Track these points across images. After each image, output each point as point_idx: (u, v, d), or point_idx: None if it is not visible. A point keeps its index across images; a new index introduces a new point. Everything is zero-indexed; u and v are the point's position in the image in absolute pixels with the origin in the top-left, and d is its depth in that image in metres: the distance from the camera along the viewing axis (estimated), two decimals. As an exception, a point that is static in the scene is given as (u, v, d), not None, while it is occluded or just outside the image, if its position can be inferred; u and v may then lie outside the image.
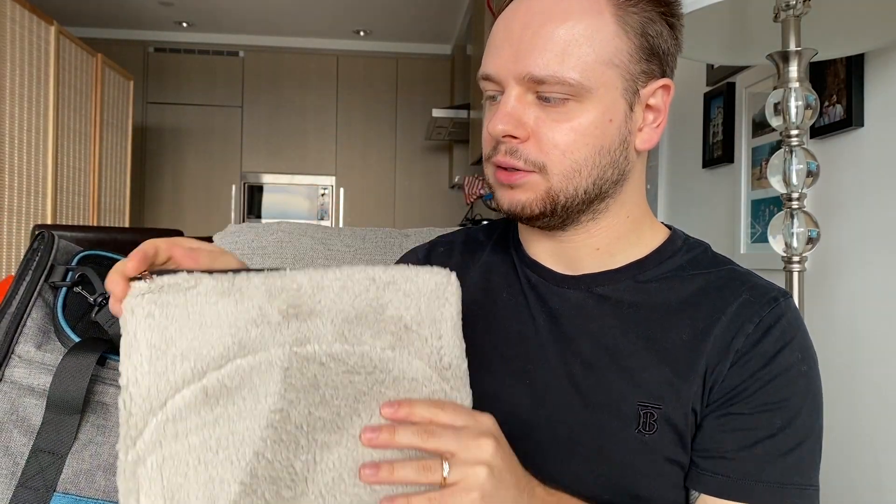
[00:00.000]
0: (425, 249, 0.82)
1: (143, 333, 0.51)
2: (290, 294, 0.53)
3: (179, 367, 0.51)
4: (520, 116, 0.62)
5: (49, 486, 0.58)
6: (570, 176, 0.62)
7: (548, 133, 0.62)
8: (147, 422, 0.50)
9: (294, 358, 0.52)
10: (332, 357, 0.53)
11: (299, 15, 4.95)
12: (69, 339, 0.62)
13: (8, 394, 0.60)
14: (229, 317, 0.52)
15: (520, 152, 0.62)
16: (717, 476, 0.61)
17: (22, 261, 0.65)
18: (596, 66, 0.60)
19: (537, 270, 0.71)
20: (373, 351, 0.54)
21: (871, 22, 1.07)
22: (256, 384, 0.51)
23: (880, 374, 1.14)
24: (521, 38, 0.61)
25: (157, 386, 0.50)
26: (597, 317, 0.66)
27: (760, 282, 0.67)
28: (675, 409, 0.62)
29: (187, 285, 0.52)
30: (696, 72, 1.82)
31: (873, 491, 1.14)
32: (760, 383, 0.61)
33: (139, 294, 0.51)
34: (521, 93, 0.62)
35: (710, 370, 0.62)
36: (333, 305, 0.54)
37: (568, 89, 0.60)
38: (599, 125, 0.62)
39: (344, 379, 0.53)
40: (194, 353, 0.51)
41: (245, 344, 0.52)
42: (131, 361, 0.50)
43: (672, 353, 0.63)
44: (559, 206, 0.64)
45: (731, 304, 0.64)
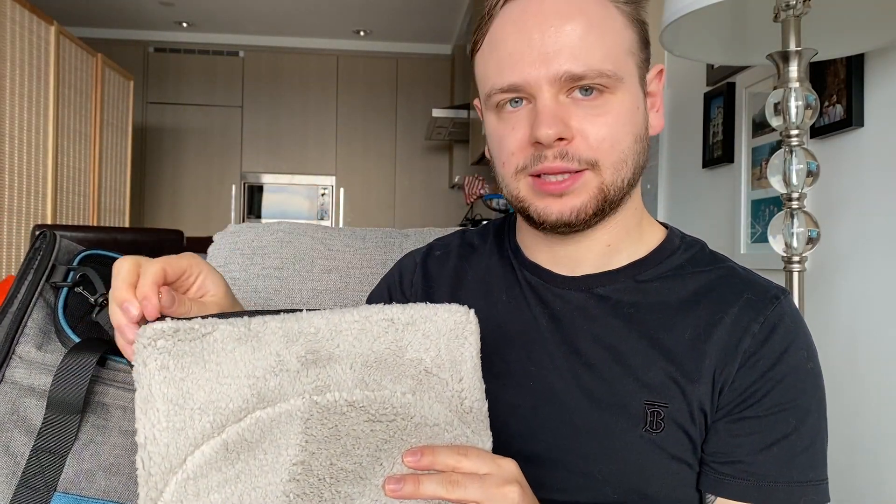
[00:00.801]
0: (422, 254, 0.81)
1: (158, 387, 0.48)
2: (307, 338, 0.51)
3: (198, 422, 0.48)
4: (563, 117, 0.61)
5: (49, 486, 0.58)
6: (619, 168, 0.63)
7: (592, 128, 0.61)
8: (167, 481, 0.48)
9: (314, 408, 0.50)
10: (353, 405, 0.51)
11: (299, 15, 4.95)
12: (70, 340, 0.61)
13: (8, 394, 0.60)
14: (247, 366, 0.49)
15: (570, 153, 0.61)
16: (737, 480, 0.61)
17: (24, 260, 0.65)
18: (621, 56, 0.62)
19: (537, 272, 0.71)
20: (393, 396, 0.52)
21: (871, 22, 1.07)
22: (277, 436, 0.50)
23: (880, 373, 1.14)
24: (545, 41, 0.60)
25: (177, 443, 0.48)
26: (598, 317, 0.66)
27: (759, 280, 0.67)
28: (681, 408, 0.62)
29: (203, 331, 0.49)
30: (696, 72, 1.82)
31: (874, 490, 1.14)
32: (772, 384, 0.61)
33: (151, 343, 0.48)
34: (555, 95, 0.61)
35: (718, 372, 0.62)
36: (352, 349, 0.52)
37: (606, 81, 0.60)
38: (633, 113, 0.63)
39: (365, 428, 0.51)
40: (213, 406, 0.49)
41: (264, 395, 0.50)
42: (148, 418, 0.48)
43: (675, 353, 0.63)
44: (608, 203, 0.63)
45: (733, 304, 0.64)
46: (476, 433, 0.54)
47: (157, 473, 0.47)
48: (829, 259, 1.26)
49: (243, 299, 1.04)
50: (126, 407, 0.62)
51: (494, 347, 0.69)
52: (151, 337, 0.48)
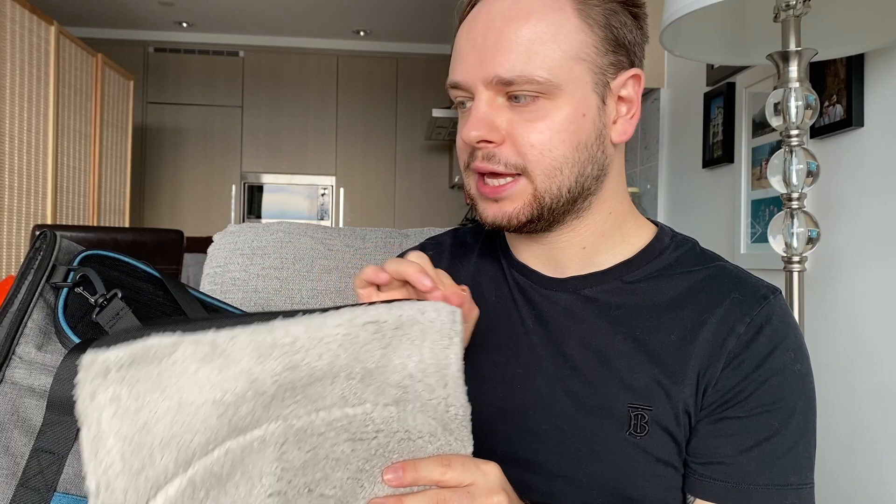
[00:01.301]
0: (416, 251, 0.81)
1: (108, 423, 0.39)
2: (283, 351, 0.44)
3: (160, 461, 0.41)
4: (492, 120, 0.62)
5: (49, 486, 0.58)
6: (552, 175, 0.62)
7: (522, 133, 0.61)
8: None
9: (290, 431, 0.46)
10: (331, 425, 0.47)
11: (299, 15, 4.95)
12: (70, 340, 0.61)
13: (8, 394, 0.60)
14: (213, 390, 0.42)
15: (497, 156, 0.62)
16: (716, 482, 0.61)
17: (24, 261, 0.65)
18: (563, 62, 0.60)
19: (525, 273, 0.71)
20: (375, 410, 0.49)
21: (871, 22, 1.07)
22: (249, 467, 0.44)
23: (880, 373, 1.14)
24: (485, 42, 0.61)
25: (135, 487, 0.40)
26: (585, 319, 0.66)
27: (750, 279, 0.66)
28: (665, 410, 0.62)
29: (161, 353, 0.41)
30: (696, 72, 1.82)
31: (874, 490, 1.14)
32: (755, 385, 0.60)
33: (101, 373, 0.39)
34: (492, 97, 0.62)
35: (702, 373, 0.62)
36: (336, 360, 0.46)
37: (537, 87, 0.60)
38: (573, 121, 0.62)
39: (346, 448, 0.48)
40: (176, 440, 0.41)
41: (236, 423, 0.43)
42: (99, 462, 0.39)
43: (661, 355, 0.63)
44: (545, 209, 0.63)
45: (719, 304, 0.63)
46: (459, 440, 0.53)
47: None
48: (829, 259, 1.26)
49: (243, 299, 1.04)
50: (126, 407, 0.62)
51: (482, 348, 0.69)
52: (101, 370, 0.39)
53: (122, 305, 0.61)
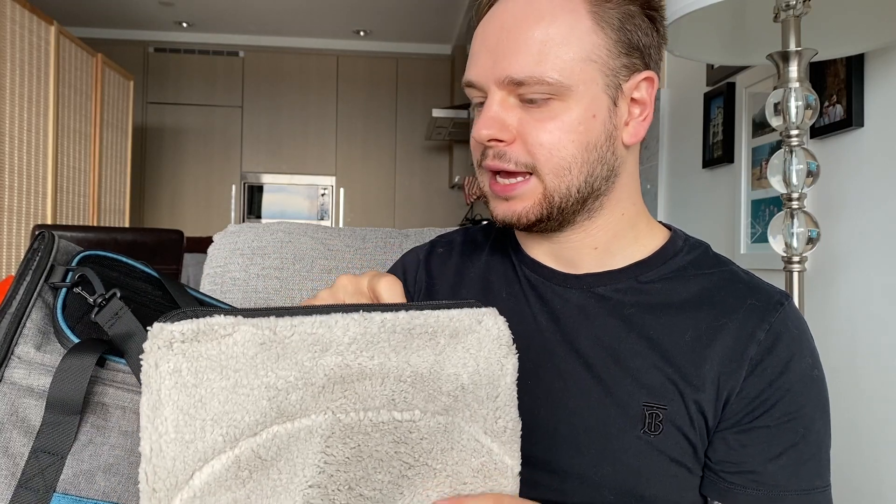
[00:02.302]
0: (425, 251, 0.82)
1: (168, 394, 0.42)
2: (339, 349, 0.46)
3: (210, 435, 0.43)
4: (503, 119, 0.63)
5: (49, 487, 0.58)
6: (561, 174, 0.63)
7: (532, 133, 0.62)
8: (171, 499, 0.43)
9: (337, 426, 0.46)
10: (378, 426, 0.47)
11: (299, 15, 4.95)
12: (69, 340, 0.61)
13: (7, 394, 0.60)
14: (268, 375, 0.44)
15: (507, 155, 0.63)
16: (747, 490, 0.61)
17: (22, 261, 0.65)
18: (574, 64, 0.61)
19: (537, 270, 0.71)
20: (423, 417, 0.48)
21: (871, 22, 1.07)
22: (294, 455, 0.46)
23: (880, 374, 1.14)
24: (498, 43, 0.62)
25: (184, 457, 0.43)
26: (598, 317, 0.66)
27: (763, 284, 0.67)
28: (679, 410, 0.62)
29: (223, 332, 0.44)
30: (696, 72, 1.82)
31: (874, 490, 1.14)
32: (780, 393, 0.61)
33: (166, 343, 0.43)
34: (504, 97, 0.63)
35: (723, 379, 0.62)
36: (387, 362, 0.47)
37: (548, 88, 0.61)
38: (583, 121, 0.62)
39: (390, 449, 0.48)
40: (227, 417, 0.44)
41: (284, 409, 0.45)
42: (155, 428, 0.42)
43: (674, 354, 0.63)
44: (555, 208, 0.64)
45: (736, 310, 0.64)
46: (508, 454, 0.52)
47: (162, 490, 0.42)
48: (829, 259, 1.26)
49: (243, 299, 1.04)
50: (126, 407, 0.62)
51: None
52: (167, 340, 0.43)
53: (120, 305, 0.61)
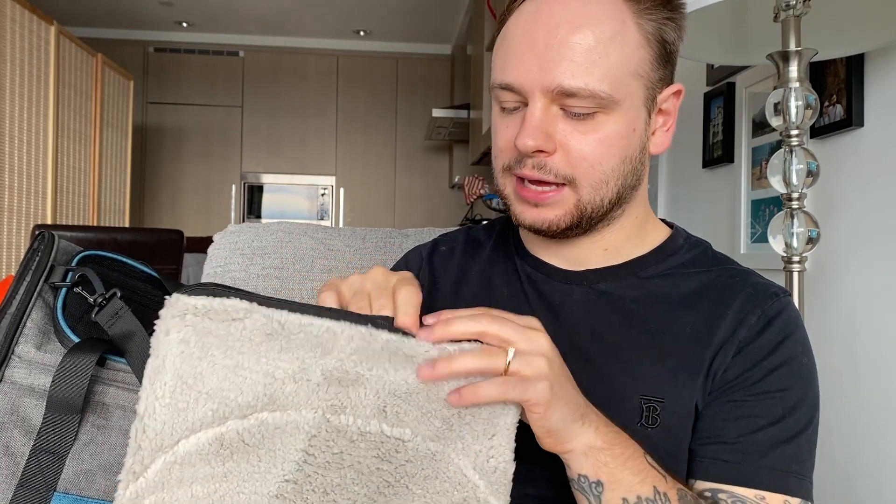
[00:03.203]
0: (428, 249, 0.82)
1: (172, 361, 0.45)
2: (340, 355, 0.47)
3: (201, 408, 0.45)
4: (548, 130, 0.60)
5: (49, 486, 0.58)
6: (599, 187, 0.62)
7: (576, 145, 0.61)
8: (154, 459, 0.45)
9: (324, 426, 0.47)
10: (365, 436, 0.47)
11: (299, 15, 4.95)
12: (69, 340, 0.61)
13: (8, 394, 0.60)
14: (268, 363, 0.46)
15: (548, 166, 0.61)
16: (717, 461, 0.61)
17: (22, 261, 0.65)
18: (623, 77, 0.60)
19: (538, 267, 0.71)
20: (413, 438, 0.48)
21: (871, 22, 1.07)
22: (276, 446, 0.47)
23: (880, 373, 1.14)
24: (548, 48, 0.59)
25: (174, 422, 0.45)
26: (599, 313, 0.67)
27: (761, 280, 0.67)
28: (677, 403, 0.62)
29: (235, 315, 0.46)
30: (696, 72, 1.82)
31: (874, 491, 1.14)
32: (763, 371, 0.61)
33: (180, 313, 0.45)
34: (547, 104, 0.60)
35: (714, 362, 0.62)
36: (384, 376, 0.47)
37: (598, 102, 0.59)
38: (625, 135, 0.62)
39: (371, 464, 0.47)
40: (221, 395, 0.46)
41: (276, 398, 0.46)
42: (153, 390, 0.45)
43: (675, 348, 0.63)
44: (585, 219, 0.64)
45: (734, 299, 0.64)
46: (493, 492, 0.50)
47: (147, 448, 0.45)
48: (829, 259, 1.26)
49: (243, 299, 1.04)
50: (126, 406, 0.62)
51: None
52: (181, 310, 0.45)
53: (121, 305, 0.61)
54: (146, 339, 0.60)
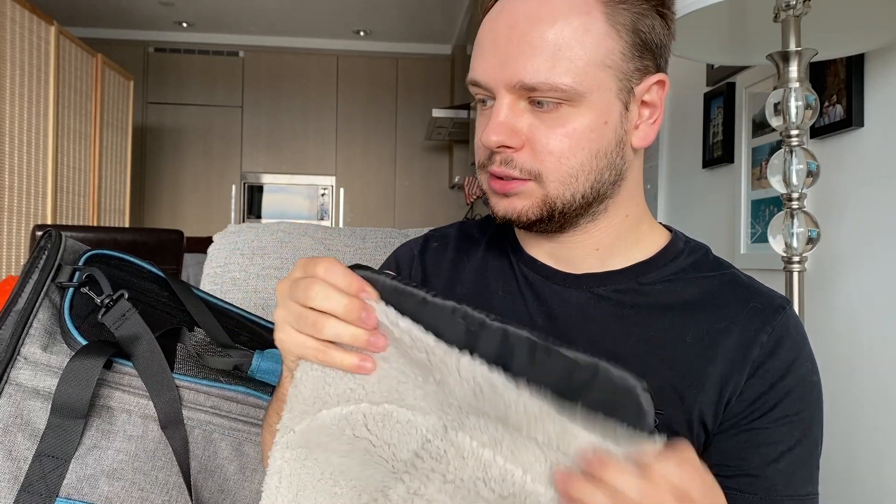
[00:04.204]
0: (419, 245, 0.80)
1: None
2: (465, 392, 0.48)
3: (343, 385, 0.51)
4: (513, 125, 0.60)
5: (52, 491, 0.58)
6: (567, 182, 0.61)
7: (542, 140, 0.60)
8: (301, 420, 0.51)
9: (441, 434, 0.49)
10: (476, 458, 0.47)
11: (299, 15, 4.95)
12: (75, 342, 0.61)
13: (13, 396, 0.59)
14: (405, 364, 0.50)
15: (515, 161, 0.61)
16: (745, 494, 0.60)
17: (28, 259, 0.65)
18: (588, 69, 0.59)
19: (536, 269, 0.70)
20: (523, 476, 0.46)
21: (871, 22, 1.07)
22: (393, 440, 0.50)
23: (880, 374, 1.14)
24: (509, 43, 0.59)
25: (318, 393, 0.51)
26: (597, 319, 0.65)
27: (763, 288, 0.66)
28: (677, 415, 0.61)
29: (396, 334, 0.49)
30: (696, 72, 1.82)
31: (874, 491, 1.14)
32: (779, 395, 0.61)
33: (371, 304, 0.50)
34: (513, 100, 0.60)
35: (725, 381, 0.61)
36: (510, 418, 0.47)
37: (561, 95, 0.58)
38: (595, 128, 0.60)
39: (474, 487, 0.47)
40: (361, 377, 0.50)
41: (405, 398, 0.50)
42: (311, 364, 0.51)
43: (675, 358, 0.62)
44: (556, 213, 0.63)
45: (739, 312, 0.63)
46: None
47: (297, 410, 0.51)
48: (829, 259, 1.26)
49: (243, 299, 1.04)
50: (131, 411, 0.62)
51: None
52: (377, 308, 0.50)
53: (128, 306, 0.61)
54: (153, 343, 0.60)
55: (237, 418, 0.68)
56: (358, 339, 0.50)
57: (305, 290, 0.51)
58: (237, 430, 0.68)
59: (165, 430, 0.61)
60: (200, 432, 0.65)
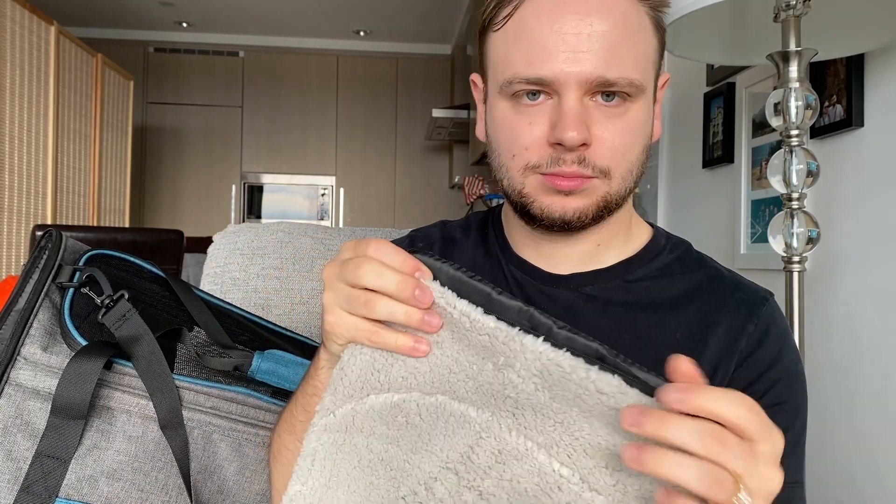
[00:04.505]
0: (405, 245, 0.79)
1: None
2: (523, 374, 0.45)
3: (394, 372, 0.49)
4: (586, 122, 0.59)
5: (51, 492, 0.58)
6: (626, 178, 0.62)
7: (609, 136, 0.60)
8: (345, 403, 0.51)
9: (496, 431, 0.46)
10: (531, 459, 0.45)
11: (299, 15, 4.95)
12: (76, 342, 0.61)
13: (13, 397, 0.59)
14: (458, 351, 0.48)
15: (588, 160, 0.60)
16: None
17: (29, 259, 0.65)
18: (646, 65, 0.61)
19: (525, 269, 0.70)
20: (580, 483, 0.44)
21: (871, 22, 1.07)
22: (448, 431, 0.48)
23: (880, 373, 1.14)
24: (579, 39, 0.58)
25: (367, 378, 0.50)
26: (587, 318, 0.66)
27: (746, 282, 0.67)
28: None
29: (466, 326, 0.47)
30: (696, 72, 1.82)
31: (873, 490, 1.14)
32: (767, 385, 0.61)
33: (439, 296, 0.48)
34: (580, 96, 0.59)
35: (714, 373, 0.62)
36: (568, 411, 0.44)
37: (633, 90, 0.59)
38: (646, 123, 0.63)
39: (529, 488, 0.45)
40: (412, 365, 0.49)
41: (456, 389, 0.48)
42: (361, 349, 0.50)
43: (668, 354, 0.63)
44: (608, 209, 0.62)
45: (725, 305, 0.64)
46: None
47: (341, 393, 0.51)
48: (829, 259, 1.26)
49: (243, 299, 1.04)
50: (131, 411, 0.62)
51: None
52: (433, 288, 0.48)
53: (128, 307, 0.61)
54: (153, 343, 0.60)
55: (237, 419, 0.68)
56: (412, 317, 0.47)
57: (356, 268, 0.49)
58: (237, 430, 0.68)
59: (165, 430, 0.61)
60: (200, 433, 0.65)
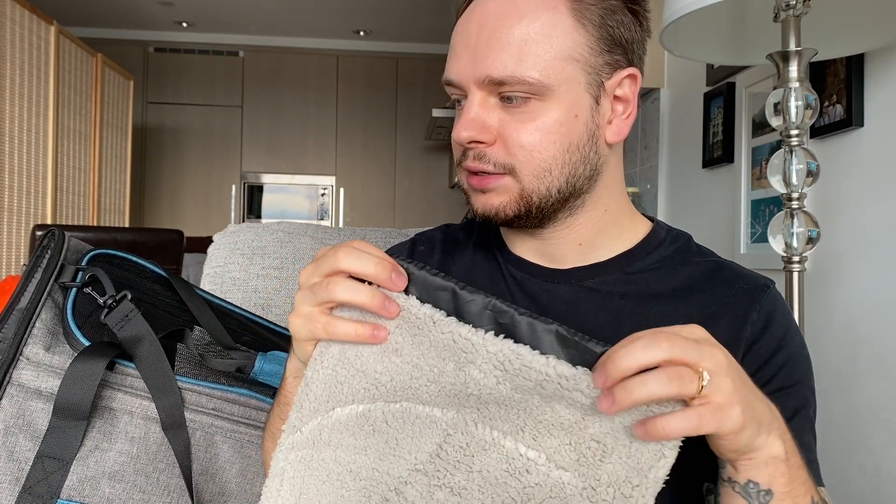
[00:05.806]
0: (408, 248, 0.81)
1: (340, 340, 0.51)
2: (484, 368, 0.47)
3: (356, 383, 0.50)
4: (484, 121, 0.62)
5: (53, 493, 0.58)
6: (541, 176, 0.63)
7: (513, 134, 0.62)
8: (311, 419, 0.51)
9: (461, 427, 0.48)
10: (498, 448, 0.47)
11: (299, 15, 4.95)
12: (78, 342, 0.61)
13: (15, 397, 0.59)
14: (418, 356, 0.49)
15: (488, 156, 0.63)
16: None
17: (31, 259, 0.64)
18: (555, 63, 0.60)
19: (522, 267, 0.71)
20: (547, 464, 0.46)
21: (871, 22, 1.07)
22: (415, 434, 0.49)
23: (880, 373, 1.14)
24: (478, 41, 0.62)
25: (332, 391, 0.51)
26: (588, 311, 0.66)
27: (746, 271, 0.68)
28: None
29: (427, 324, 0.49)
30: (696, 72, 1.82)
31: (873, 490, 1.14)
32: (774, 369, 0.62)
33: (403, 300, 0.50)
34: (484, 97, 0.62)
35: None
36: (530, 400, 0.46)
37: (529, 88, 0.60)
38: (565, 122, 0.62)
39: (499, 477, 0.47)
40: (374, 375, 0.50)
41: (420, 393, 0.49)
42: (321, 360, 0.51)
43: None
44: (533, 207, 0.64)
45: (727, 295, 0.64)
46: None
47: (307, 409, 0.51)
48: (829, 259, 1.26)
49: (243, 299, 1.04)
50: (133, 412, 0.62)
51: None
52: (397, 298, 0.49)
53: (131, 307, 0.61)
54: (156, 344, 0.60)
55: (239, 420, 0.68)
56: (375, 298, 0.50)
57: (332, 256, 0.52)
58: (239, 432, 0.68)
59: (167, 432, 0.61)
60: (202, 434, 0.65)
